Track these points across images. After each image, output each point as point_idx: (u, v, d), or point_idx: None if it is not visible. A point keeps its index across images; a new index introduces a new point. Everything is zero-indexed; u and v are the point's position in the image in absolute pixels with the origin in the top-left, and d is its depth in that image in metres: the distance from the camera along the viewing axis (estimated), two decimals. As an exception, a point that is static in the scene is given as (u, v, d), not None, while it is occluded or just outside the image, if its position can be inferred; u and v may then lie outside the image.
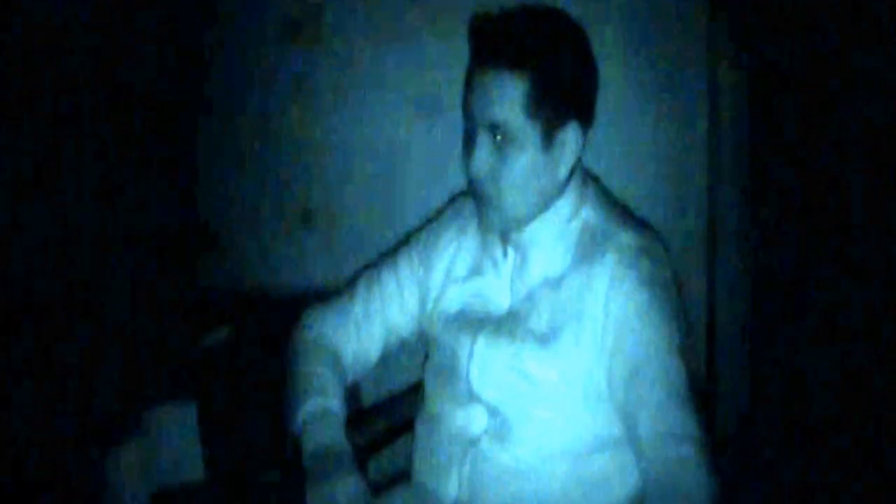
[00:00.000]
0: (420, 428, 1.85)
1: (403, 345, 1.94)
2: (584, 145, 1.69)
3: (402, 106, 2.56)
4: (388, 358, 1.95)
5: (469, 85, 1.66)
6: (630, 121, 2.48)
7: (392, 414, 2.08)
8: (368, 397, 2.28)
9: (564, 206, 1.72)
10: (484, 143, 1.65)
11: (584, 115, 1.69)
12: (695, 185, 2.52)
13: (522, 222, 1.71)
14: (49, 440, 2.09)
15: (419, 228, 1.94)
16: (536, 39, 1.63)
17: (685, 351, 1.65)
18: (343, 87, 2.57)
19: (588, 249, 1.70)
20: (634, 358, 1.63)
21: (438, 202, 2.01)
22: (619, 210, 1.77)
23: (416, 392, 1.94)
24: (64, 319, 2.31)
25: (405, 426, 1.95)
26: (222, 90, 2.64)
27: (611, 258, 1.67)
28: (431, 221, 1.93)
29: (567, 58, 1.65)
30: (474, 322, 1.76)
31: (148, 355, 2.24)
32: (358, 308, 1.89)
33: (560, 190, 1.71)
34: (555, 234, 1.71)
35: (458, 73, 1.71)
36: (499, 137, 1.64)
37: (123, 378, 2.17)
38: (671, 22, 2.45)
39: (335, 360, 1.85)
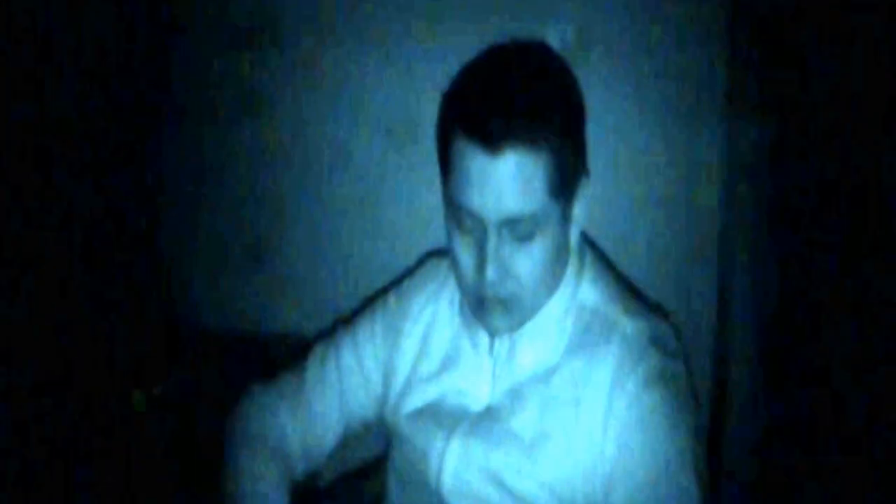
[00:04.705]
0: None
1: (367, 428, 1.65)
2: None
3: (369, 125, 2.24)
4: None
5: (469, 179, 1.32)
6: (642, 139, 2.17)
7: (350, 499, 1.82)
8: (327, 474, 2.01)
9: (565, 284, 1.44)
10: (500, 244, 1.34)
11: (585, 163, 1.41)
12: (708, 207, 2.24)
13: (533, 314, 1.43)
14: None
15: (382, 292, 1.64)
16: (542, 102, 1.33)
17: (698, 459, 1.39)
18: (301, 102, 2.26)
19: (587, 337, 1.43)
20: (640, 475, 1.35)
21: (409, 235, 1.81)
22: (621, 287, 1.50)
23: (377, 473, 1.67)
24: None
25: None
26: (174, 103, 2.34)
27: (615, 350, 1.40)
28: (397, 286, 1.63)
29: (571, 110, 1.37)
30: (448, 419, 1.47)
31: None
32: (310, 390, 1.59)
33: (566, 263, 1.44)
34: (553, 319, 1.44)
35: (436, 89, 1.41)
36: (519, 231, 1.34)
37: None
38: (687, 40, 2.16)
39: (280, 454, 1.55)
